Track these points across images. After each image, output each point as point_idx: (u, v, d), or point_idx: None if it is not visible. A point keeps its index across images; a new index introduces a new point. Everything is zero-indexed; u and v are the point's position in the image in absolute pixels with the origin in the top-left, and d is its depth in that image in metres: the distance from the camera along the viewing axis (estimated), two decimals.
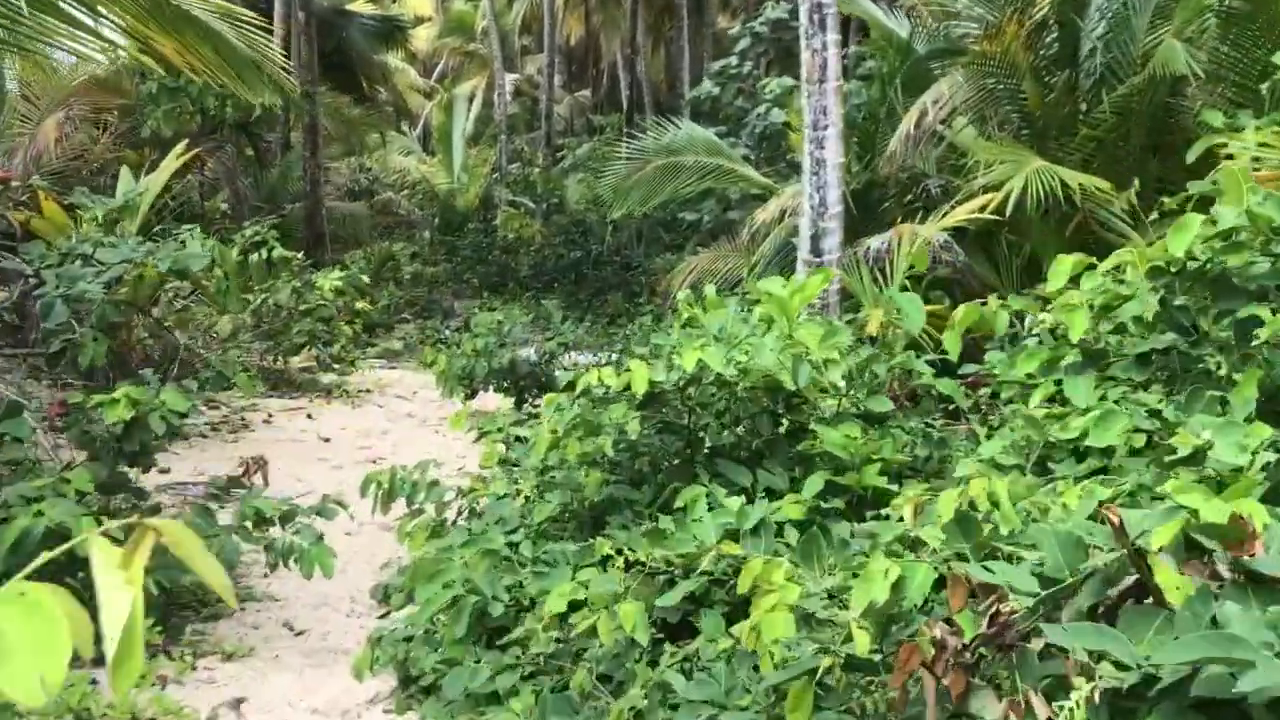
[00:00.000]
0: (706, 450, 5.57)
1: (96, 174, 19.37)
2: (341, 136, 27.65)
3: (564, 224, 30.28)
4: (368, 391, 13.99)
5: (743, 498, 4.77)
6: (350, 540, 7.93)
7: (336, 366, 14.09)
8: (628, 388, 4.95)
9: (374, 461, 9.81)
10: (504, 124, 36.52)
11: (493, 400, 12.30)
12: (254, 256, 13.77)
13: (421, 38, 42.99)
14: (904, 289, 12.09)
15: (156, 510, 7.33)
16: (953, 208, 12.16)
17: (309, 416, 11.69)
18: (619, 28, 42.28)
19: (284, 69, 22.56)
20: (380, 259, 21.64)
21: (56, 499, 5.54)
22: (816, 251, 10.90)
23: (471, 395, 11.93)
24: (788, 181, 15.65)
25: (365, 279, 15.19)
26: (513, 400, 12.06)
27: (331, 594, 7.34)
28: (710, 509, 4.72)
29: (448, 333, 18.63)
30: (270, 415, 11.44)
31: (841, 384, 5.48)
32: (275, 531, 6.58)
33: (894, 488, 5.07)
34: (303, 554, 6.45)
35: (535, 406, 12.12)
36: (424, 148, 43.45)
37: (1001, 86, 11.82)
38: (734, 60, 17.11)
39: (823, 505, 4.94)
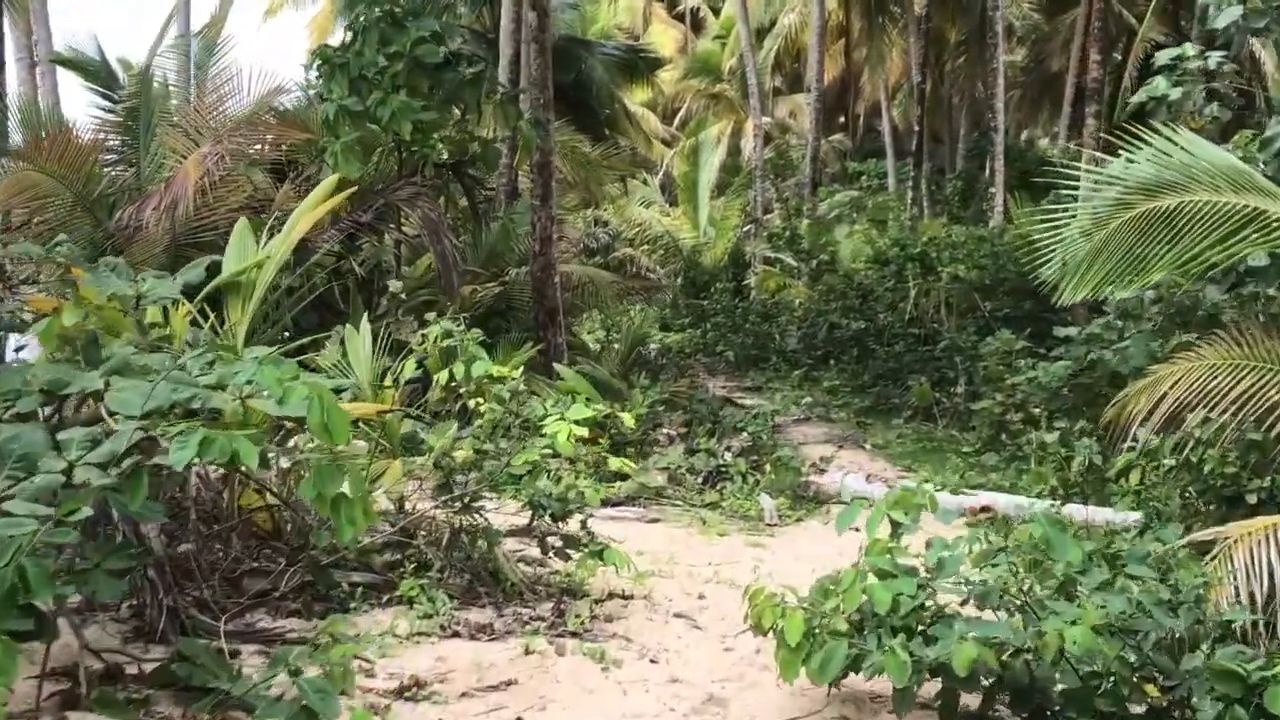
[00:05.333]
0: None
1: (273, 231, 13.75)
2: (579, 183, 21.79)
3: (838, 286, 23.58)
4: (625, 600, 7.75)
5: None
6: None
7: (570, 553, 7.82)
8: None
9: None
10: (759, 169, 30.26)
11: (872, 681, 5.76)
12: (443, 373, 7.75)
13: (663, 80, 37.23)
14: None
15: None
16: None
17: None
18: (884, 63, 35.58)
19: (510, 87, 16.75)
20: (630, 342, 15.48)
21: None
22: None
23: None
24: None
25: (630, 415, 8.84)
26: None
27: None
28: None
29: (727, 457, 12.21)
30: None
31: None
32: None
33: None
34: None
35: None
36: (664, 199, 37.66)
37: None
38: (1188, 49, 10.24)
39: None
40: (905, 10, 34.55)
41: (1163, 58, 10.32)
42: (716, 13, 44.29)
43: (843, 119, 43.27)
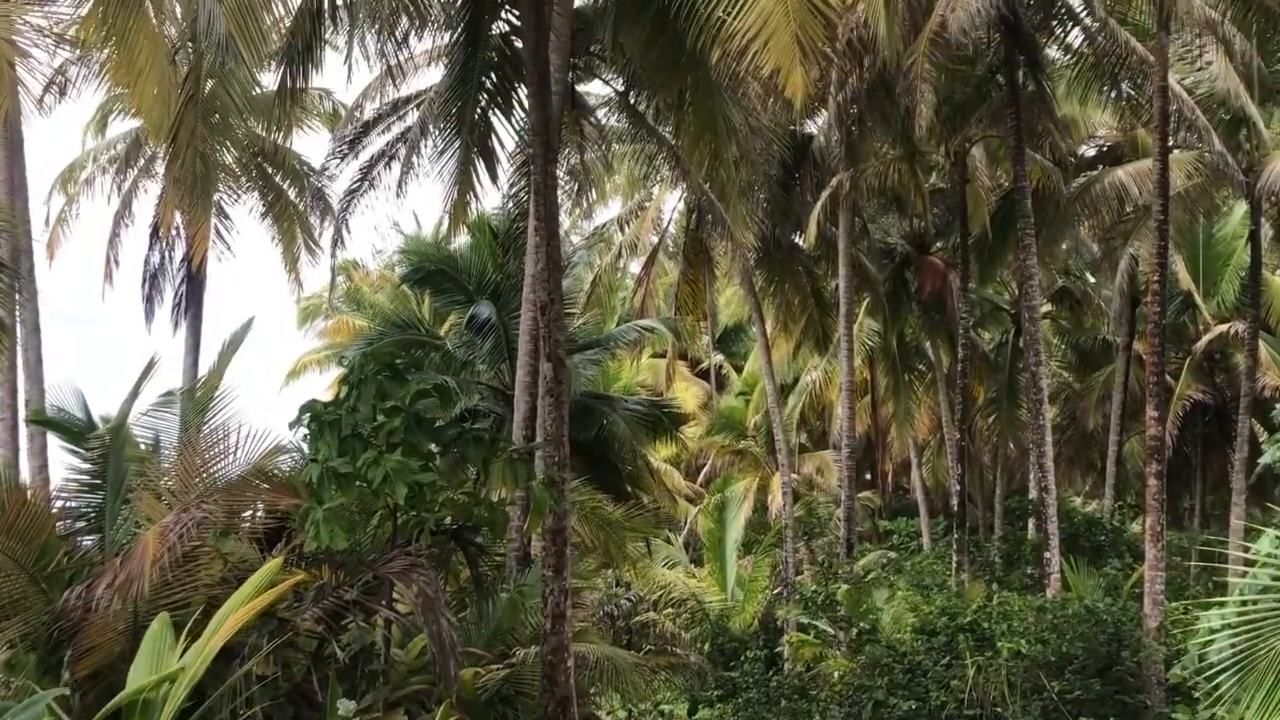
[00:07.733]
0: None
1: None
2: (598, 546, 20.03)
3: (882, 658, 21.21)
4: None
5: None
6: None
7: None
8: None
9: None
10: (789, 528, 28.56)
11: None
12: None
13: (687, 436, 36.29)
14: None
15: None
16: None
17: None
18: (912, 419, 34.57)
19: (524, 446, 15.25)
20: None
21: None
22: None
23: None
24: None
25: None
26: None
27: None
28: None
29: None
30: None
31: None
32: None
33: None
34: None
35: None
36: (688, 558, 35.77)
37: None
38: None
39: None
40: (932, 368, 33.98)
41: None
42: (739, 370, 44.09)
43: (870, 475, 42.04)
